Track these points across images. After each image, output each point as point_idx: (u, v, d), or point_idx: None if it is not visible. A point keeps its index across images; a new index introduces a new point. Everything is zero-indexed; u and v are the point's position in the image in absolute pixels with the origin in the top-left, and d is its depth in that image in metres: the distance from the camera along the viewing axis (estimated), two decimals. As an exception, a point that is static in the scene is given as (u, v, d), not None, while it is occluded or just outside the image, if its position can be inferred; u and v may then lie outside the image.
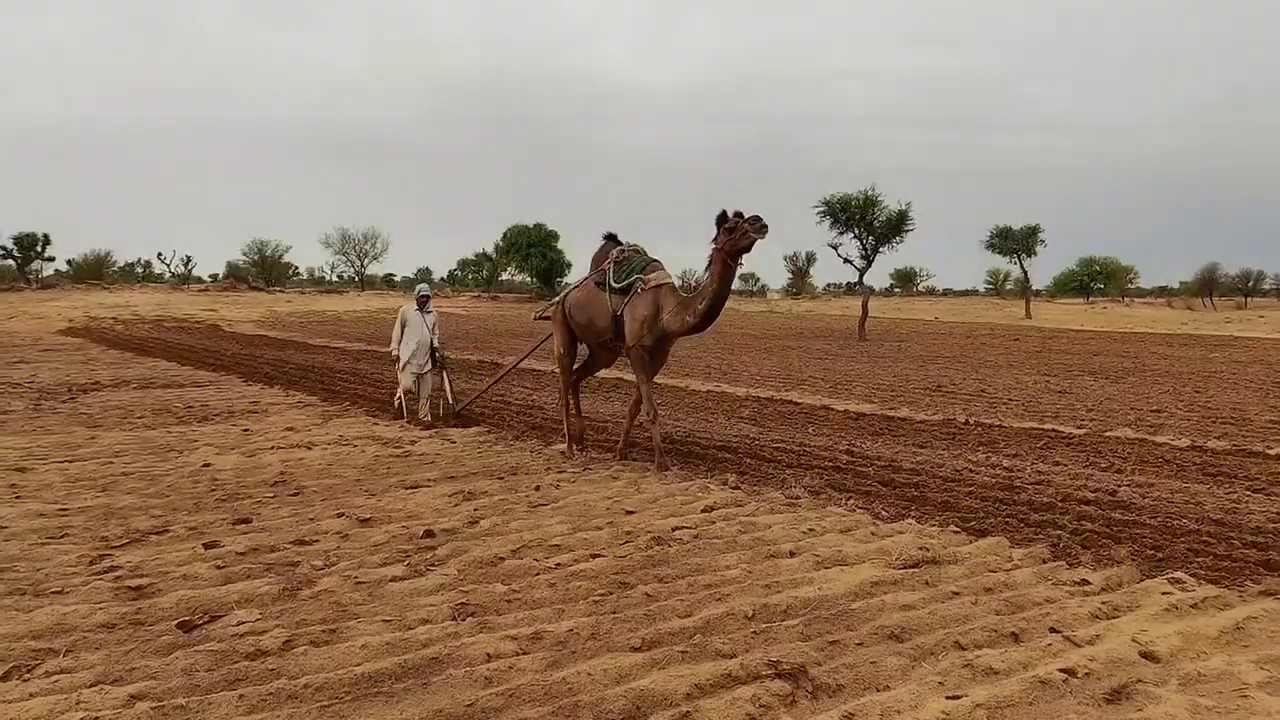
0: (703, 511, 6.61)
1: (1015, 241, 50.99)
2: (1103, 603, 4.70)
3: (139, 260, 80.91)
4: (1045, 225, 54.57)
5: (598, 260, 9.10)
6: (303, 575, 5.14)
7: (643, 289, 8.35)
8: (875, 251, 33.50)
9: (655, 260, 8.75)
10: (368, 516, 6.48)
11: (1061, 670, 3.78)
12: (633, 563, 5.40)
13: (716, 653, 4.04)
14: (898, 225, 32.86)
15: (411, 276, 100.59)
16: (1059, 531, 6.21)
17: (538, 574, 5.23)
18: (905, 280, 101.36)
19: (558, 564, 5.39)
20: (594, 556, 5.52)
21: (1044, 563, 5.50)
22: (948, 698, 3.55)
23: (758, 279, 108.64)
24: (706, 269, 8.09)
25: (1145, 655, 3.99)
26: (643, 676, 3.82)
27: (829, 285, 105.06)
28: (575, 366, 9.65)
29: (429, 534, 6.02)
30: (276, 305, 46.33)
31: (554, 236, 64.03)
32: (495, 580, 5.11)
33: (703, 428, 10.83)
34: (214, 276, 77.37)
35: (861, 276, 35.37)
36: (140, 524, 6.23)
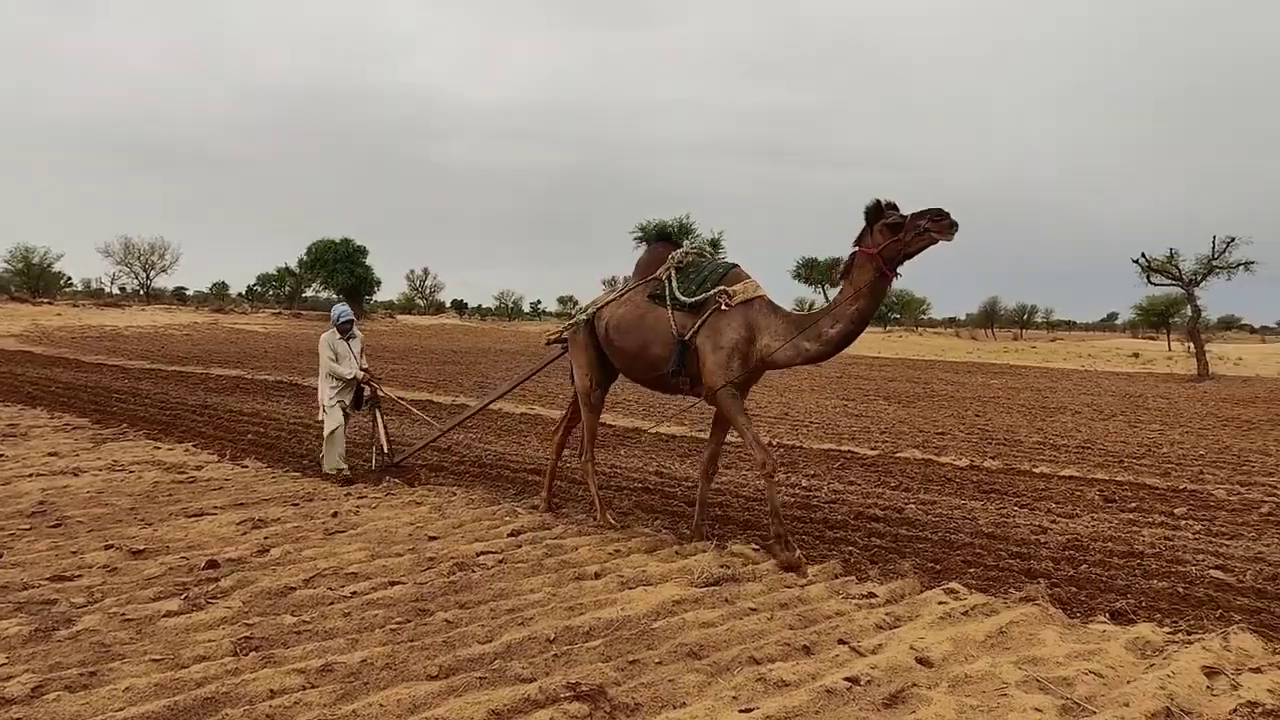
0: (509, 535, 6.51)
1: (820, 272, 53.87)
2: (886, 614, 4.96)
3: None
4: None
5: (647, 267, 7.12)
6: (60, 614, 4.67)
7: (727, 304, 6.39)
8: (687, 279, 34.44)
9: (735, 265, 6.77)
10: (141, 548, 5.98)
11: (846, 679, 3.95)
12: (434, 589, 5.24)
13: (516, 677, 3.97)
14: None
15: (206, 291, 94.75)
16: (850, 547, 6.53)
17: (331, 603, 4.98)
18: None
19: (353, 592, 5.16)
20: (393, 584, 5.31)
21: (836, 578, 5.75)
22: (741, 711, 3.63)
23: (576, 301, 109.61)
24: (842, 277, 6.22)
25: (921, 661, 4.23)
26: (438, 705, 3.69)
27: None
28: (566, 415, 7.91)
29: (212, 564, 5.62)
30: (43, 318, 42.27)
31: (362, 252, 62.08)
32: (284, 611, 4.83)
33: (514, 450, 10.71)
34: (-35, 286, 69.92)
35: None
36: None
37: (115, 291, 76.39)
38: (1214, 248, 29.88)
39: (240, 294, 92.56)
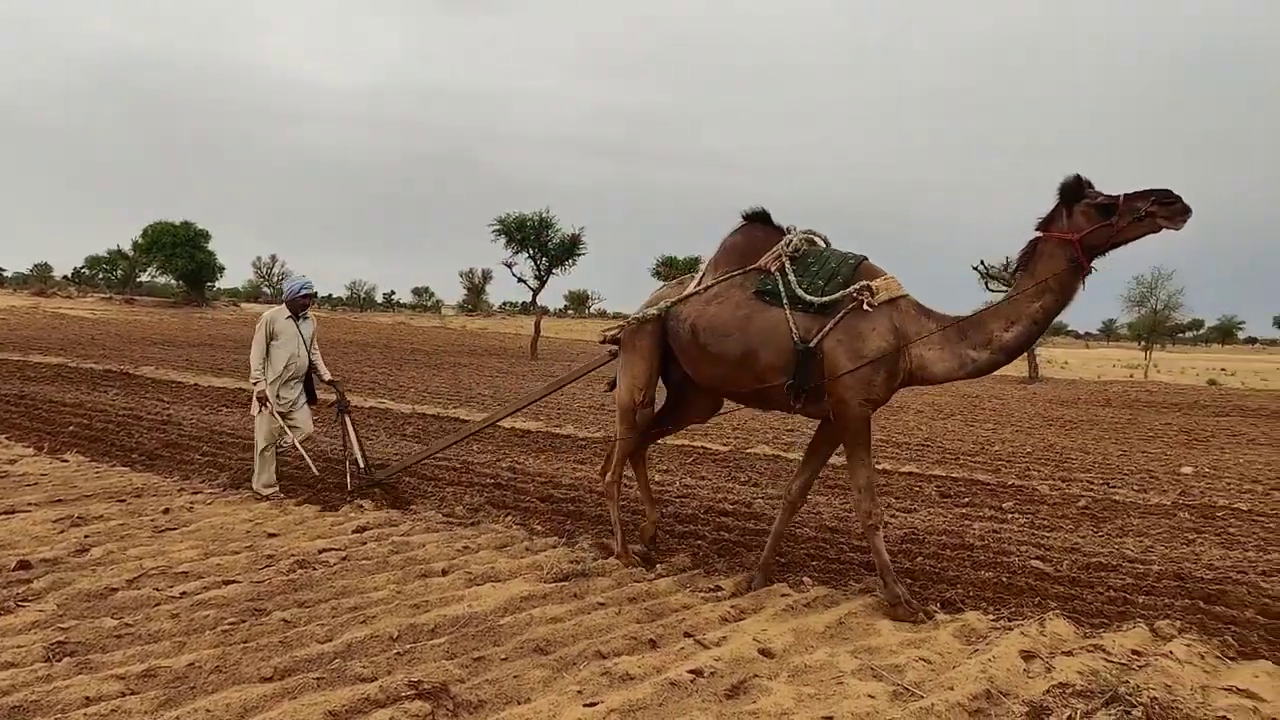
0: (354, 532, 6.31)
1: (680, 269, 54.71)
2: (732, 606, 5.07)
3: None
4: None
5: (740, 253, 5.73)
6: None
7: (870, 305, 5.18)
8: (549, 272, 34.36)
9: (864, 258, 5.49)
10: (-57, 547, 5.49)
11: (690, 671, 4.01)
12: (271, 588, 5.02)
13: (356, 677, 3.84)
14: (571, 248, 33.99)
15: (26, 272, 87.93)
16: (700, 541, 6.64)
17: (158, 605, 4.70)
18: (579, 302, 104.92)
19: (183, 593, 4.89)
20: (227, 583, 5.06)
21: (684, 571, 5.84)
22: (585, 705, 3.63)
23: (431, 294, 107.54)
24: (1019, 269, 5.08)
25: (763, 652, 4.34)
26: (271, 708, 3.53)
27: (505, 304, 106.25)
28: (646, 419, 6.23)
29: (24, 565, 5.21)
30: None
31: (204, 236, 58.98)
32: (104, 614, 4.52)
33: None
34: None
35: (535, 296, 36.10)
36: None
37: (-81, 271, 70.00)
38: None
39: (66, 277, 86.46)
